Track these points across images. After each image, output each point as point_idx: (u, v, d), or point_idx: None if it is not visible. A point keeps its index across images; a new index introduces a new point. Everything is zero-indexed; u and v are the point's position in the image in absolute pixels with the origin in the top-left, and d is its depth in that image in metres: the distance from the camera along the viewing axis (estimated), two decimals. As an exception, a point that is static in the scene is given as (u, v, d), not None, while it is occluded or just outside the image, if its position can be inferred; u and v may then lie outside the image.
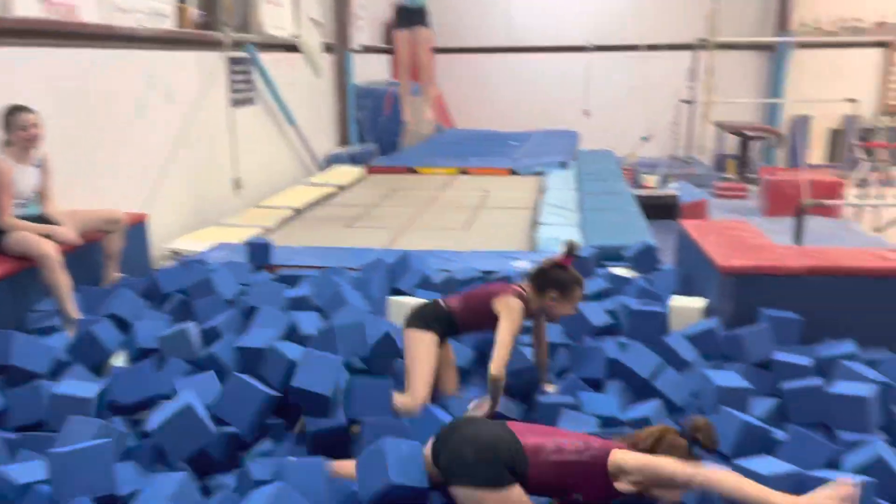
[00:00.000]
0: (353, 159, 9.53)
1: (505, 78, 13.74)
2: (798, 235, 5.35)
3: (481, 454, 2.22)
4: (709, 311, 3.83)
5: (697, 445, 2.27)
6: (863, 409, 2.80)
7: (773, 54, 12.97)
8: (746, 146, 12.17)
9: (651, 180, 9.70)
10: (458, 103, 13.74)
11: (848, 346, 3.38)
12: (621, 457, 2.23)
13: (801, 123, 13.12)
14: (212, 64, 6.68)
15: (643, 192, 8.67)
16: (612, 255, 4.87)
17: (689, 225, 4.52)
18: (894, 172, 11.23)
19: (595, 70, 13.01)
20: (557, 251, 3.18)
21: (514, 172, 8.48)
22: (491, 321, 3.00)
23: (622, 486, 2.23)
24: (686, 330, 3.62)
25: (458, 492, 2.24)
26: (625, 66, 13.18)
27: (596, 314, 3.78)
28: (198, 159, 6.46)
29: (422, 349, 3.04)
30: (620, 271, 4.55)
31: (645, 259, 4.60)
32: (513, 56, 13.74)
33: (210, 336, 3.43)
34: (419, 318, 3.12)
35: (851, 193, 9.90)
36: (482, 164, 8.78)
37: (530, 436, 2.30)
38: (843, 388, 2.88)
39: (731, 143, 12.66)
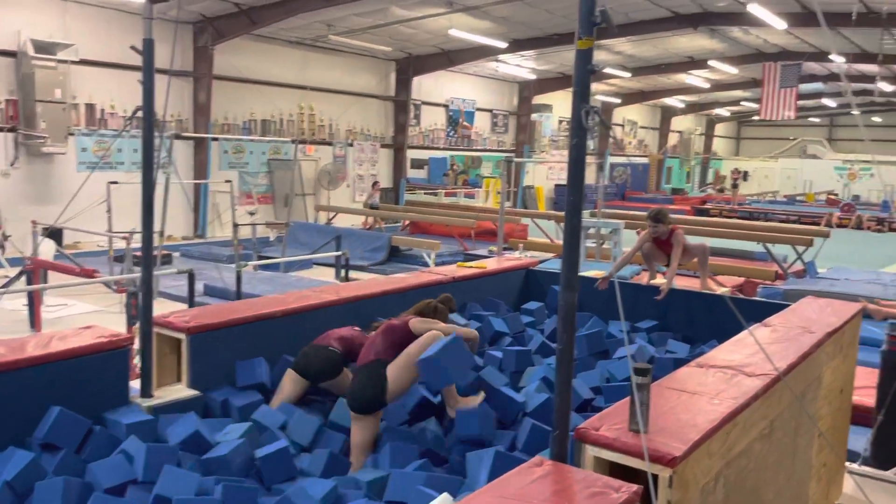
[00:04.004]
0: None
1: None
2: None
3: (376, 390, 3.56)
4: None
5: (450, 310, 4.18)
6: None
7: None
8: None
9: None
10: None
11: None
12: (417, 324, 3.81)
13: None
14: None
15: None
16: None
17: None
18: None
19: None
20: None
21: None
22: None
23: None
24: None
25: (361, 419, 3.56)
26: None
27: None
28: None
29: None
30: None
31: None
32: None
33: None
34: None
35: None
36: None
37: (371, 353, 3.73)
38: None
39: None
